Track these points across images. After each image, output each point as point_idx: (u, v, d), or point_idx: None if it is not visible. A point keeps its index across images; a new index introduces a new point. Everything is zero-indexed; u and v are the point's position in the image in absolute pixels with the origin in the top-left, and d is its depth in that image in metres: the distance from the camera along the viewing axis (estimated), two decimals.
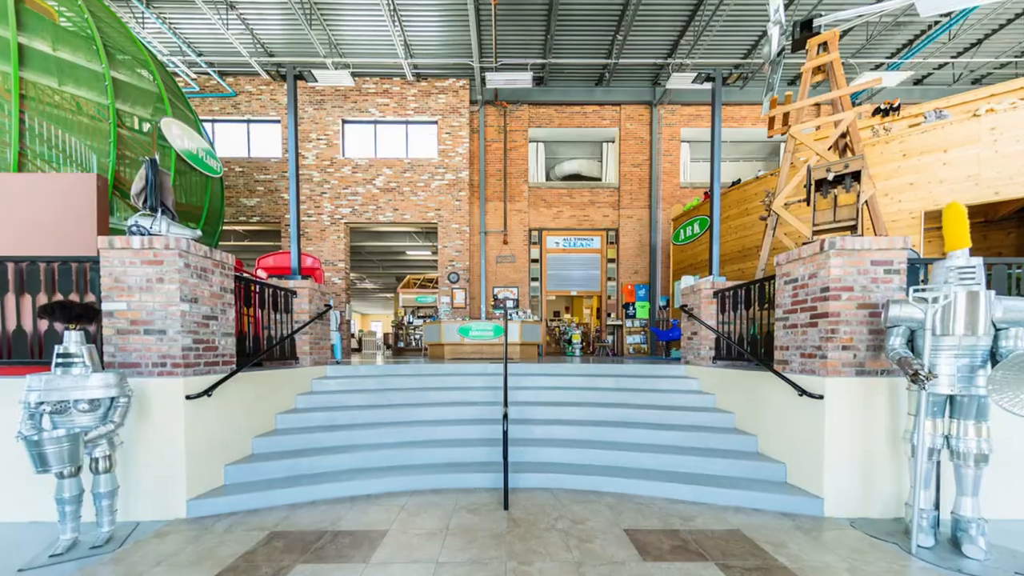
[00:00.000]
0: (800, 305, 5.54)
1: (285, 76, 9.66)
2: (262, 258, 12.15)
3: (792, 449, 5.64)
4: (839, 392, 5.04)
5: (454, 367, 8.98)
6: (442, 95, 17.36)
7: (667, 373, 8.77)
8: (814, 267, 5.30)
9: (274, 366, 7.48)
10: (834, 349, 5.08)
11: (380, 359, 13.19)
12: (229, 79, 17.16)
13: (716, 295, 8.03)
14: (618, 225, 18.36)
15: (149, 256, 5.06)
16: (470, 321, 12.27)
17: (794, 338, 5.63)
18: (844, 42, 15.39)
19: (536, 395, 8.08)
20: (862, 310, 5.05)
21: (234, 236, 21.39)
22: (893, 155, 9.65)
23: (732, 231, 12.68)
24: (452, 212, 17.20)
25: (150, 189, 5.60)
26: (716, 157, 9.03)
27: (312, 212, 17.09)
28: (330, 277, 16.93)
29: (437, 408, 7.51)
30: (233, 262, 6.07)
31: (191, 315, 5.25)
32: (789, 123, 9.19)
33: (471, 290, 17.76)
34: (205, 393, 5.23)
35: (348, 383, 8.34)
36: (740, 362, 7.50)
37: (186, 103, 11.18)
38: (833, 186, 6.46)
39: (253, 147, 17.60)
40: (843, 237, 5.10)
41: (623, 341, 18.28)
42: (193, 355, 5.28)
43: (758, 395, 6.38)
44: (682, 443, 6.63)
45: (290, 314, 8.00)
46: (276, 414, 7.06)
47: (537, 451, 6.53)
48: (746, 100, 18.11)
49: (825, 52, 8.83)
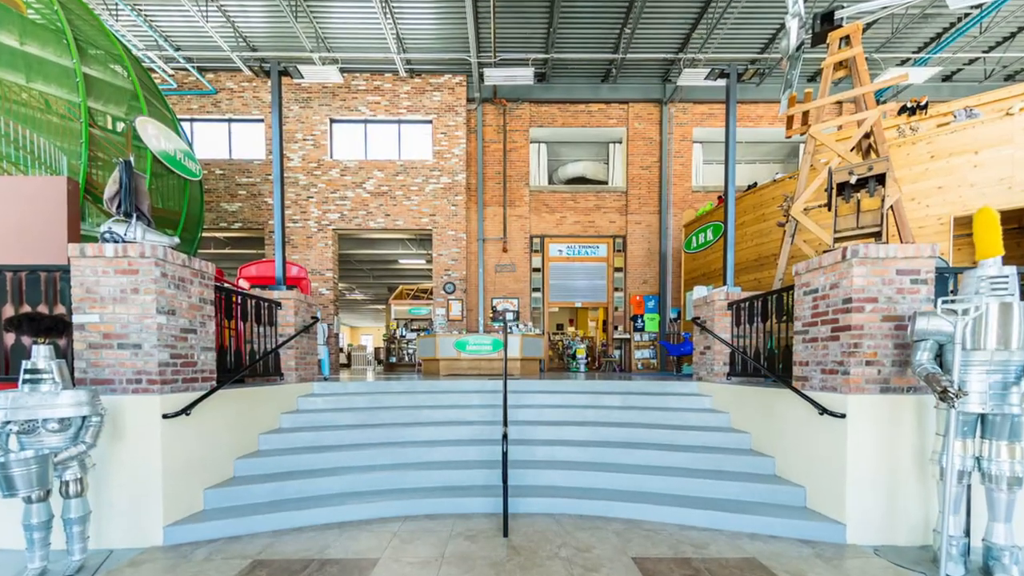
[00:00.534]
0: (820, 317, 5.56)
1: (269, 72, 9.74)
2: (244, 267, 12.20)
3: (812, 471, 5.65)
4: (862, 410, 5.05)
5: (450, 384, 8.98)
6: (437, 92, 17.46)
7: (678, 390, 8.79)
8: (835, 277, 5.32)
9: (257, 383, 7.49)
10: (857, 364, 5.09)
11: (371, 375, 13.19)
12: (209, 75, 17.27)
13: (731, 307, 8.06)
14: (626, 232, 18.43)
15: (123, 265, 5.08)
16: (467, 335, 12.28)
17: (814, 353, 5.65)
18: (868, 35, 15.49)
19: (538, 414, 8.10)
20: (887, 323, 5.06)
21: (214, 244, 21.46)
22: (920, 157, 9.70)
23: (748, 238, 12.73)
24: (448, 218, 17.26)
25: (124, 193, 5.62)
26: (730, 159, 9.08)
27: (298, 218, 17.15)
28: (317, 288, 16.97)
29: (432, 428, 7.51)
30: (213, 271, 6.10)
31: (168, 328, 5.26)
32: (809, 122, 9.25)
33: (468, 301, 17.79)
34: (183, 411, 5.23)
35: (336, 401, 8.35)
36: (756, 378, 7.51)
37: (163, 101, 11.25)
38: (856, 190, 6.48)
39: (235, 148, 17.70)
40: (867, 245, 5.11)
41: (631, 356, 18.28)
42: (170, 371, 5.29)
43: (775, 413, 6.40)
44: (694, 465, 6.64)
45: (274, 327, 8.02)
46: (259, 434, 7.06)
47: (539, 474, 6.54)
48: (762, 98, 18.23)
49: (847, 46, 8.90)
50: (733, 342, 7.96)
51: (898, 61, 16.52)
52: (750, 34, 15.55)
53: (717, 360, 8.25)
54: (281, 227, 9.05)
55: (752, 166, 20.51)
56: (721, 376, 8.19)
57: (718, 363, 8.24)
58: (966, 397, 4.29)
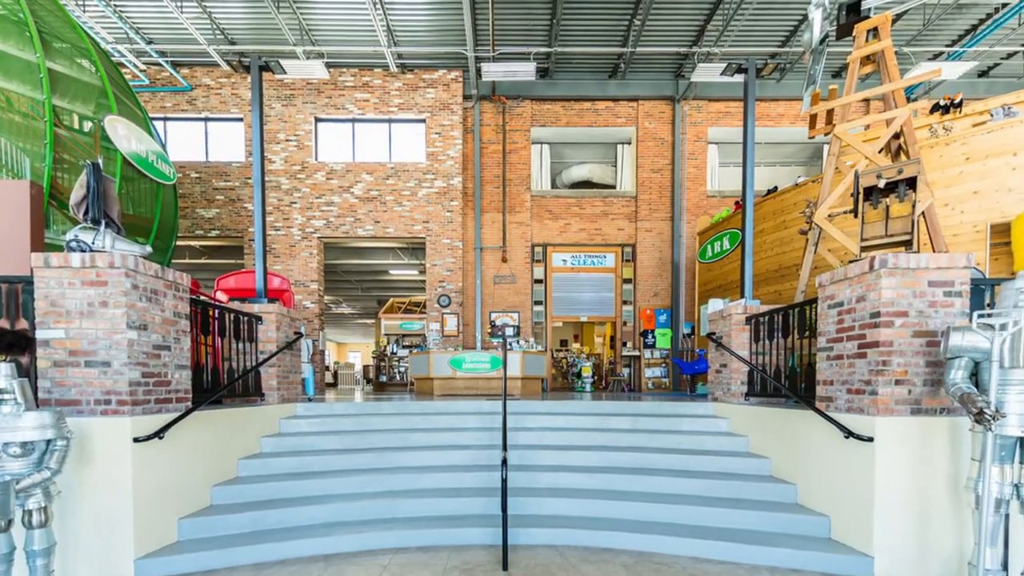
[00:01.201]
0: (846, 333, 5.58)
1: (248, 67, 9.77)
2: (222, 278, 12.22)
3: (837, 500, 5.66)
4: (892, 434, 5.06)
5: (445, 405, 9.00)
6: (431, 89, 17.55)
7: (692, 412, 8.80)
8: (862, 289, 5.34)
9: (236, 404, 7.51)
10: (886, 384, 5.10)
11: (359, 395, 13.21)
12: (184, 71, 17.38)
13: (749, 321, 8.09)
14: (635, 240, 18.48)
15: (91, 276, 5.10)
16: (463, 351, 12.31)
17: (839, 371, 5.68)
18: (897, 27, 15.58)
19: (540, 437, 8.12)
20: (918, 339, 5.07)
21: (190, 253, 21.51)
22: (954, 159, 9.74)
23: (767, 247, 12.77)
24: (442, 225, 17.31)
25: (92, 198, 5.65)
26: (749, 161, 9.12)
27: (280, 225, 17.22)
28: (301, 300, 17.01)
29: (425, 452, 7.53)
30: (189, 283, 6.13)
31: (140, 344, 5.29)
32: (833, 121, 9.29)
33: (464, 315, 17.81)
34: (156, 435, 5.25)
35: (322, 423, 8.38)
36: (777, 399, 7.53)
37: (134, 99, 11.30)
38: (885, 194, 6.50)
39: (212, 149, 17.78)
40: (896, 254, 5.12)
41: (641, 375, 18.31)
42: (142, 391, 5.31)
43: (798, 437, 6.41)
44: (709, 493, 6.66)
45: (254, 343, 8.05)
46: (238, 459, 7.08)
47: (541, 502, 6.55)
48: (783, 95, 18.29)
49: (875, 39, 8.93)
50: (751, 359, 7.99)
51: (930, 55, 16.59)
52: (770, 26, 15.65)
53: (734, 379, 8.27)
54: (262, 235, 9.09)
55: (772, 169, 20.59)
56: (738, 396, 8.21)
57: (735, 382, 8.26)
58: (1004, 419, 4.29)
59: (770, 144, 19.59)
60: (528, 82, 17.91)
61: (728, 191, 18.58)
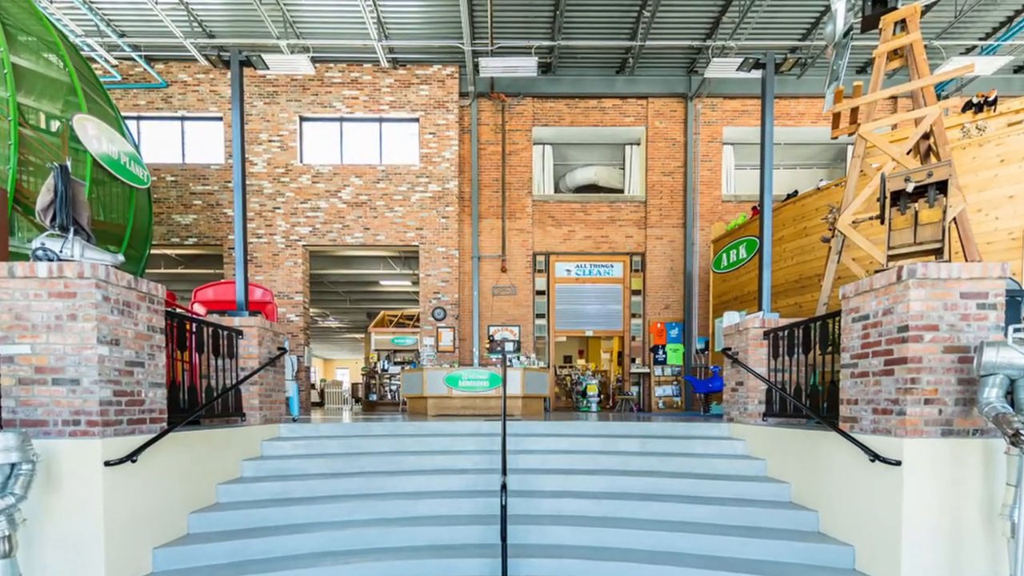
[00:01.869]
0: (872, 348, 5.59)
1: (228, 62, 9.80)
2: (200, 289, 12.25)
3: (862, 528, 5.66)
4: (921, 457, 5.05)
5: (440, 426, 9.01)
6: (425, 86, 17.62)
7: (706, 433, 8.82)
8: (889, 301, 5.36)
9: (215, 424, 7.52)
10: (914, 403, 5.09)
11: (347, 415, 13.22)
12: (159, 66, 17.45)
13: (767, 335, 8.11)
14: (645, 248, 18.52)
15: (59, 287, 5.10)
16: (460, 368, 12.31)
17: (864, 389, 5.69)
18: (927, 19, 15.59)
19: (542, 460, 8.12)
20: (949, 355, 5.07)
21: (165, 262, 21.50)
22: (988, 161, 9.77)
23: (787, 256, 12.80)
24: (437, 232, 17.35)
25: (60, 203, 5.67)
26: (767, 163, 9.16)
27: (262, 232, 17.27)
28: (285, 314, 17.03)
29: (419, 477, 7.54)
30: (164, 295, 6.16)
31: (111, 361, 5.30)
32: (858, 120, 9.30)
33: (461, 329, 17.83)
34: (129, 458, 5.25)
35: (307, 446, 8.38)
36: (797, 419, 7.52)
37: (105, 96, 11.35)
38: (913, 199, 6.51)
39: (189, 151, 17.85)
40: (925, 263, 5.12)
41: (651, 393, 18.31)
42: (114, 411, 5.32)
43: (820, 460, 6.42)
44: (725, 520, 6.65)
45: (235, 360, 8.06)
46: (218, 484, 7.08)
47: (544, 530, 6.56)
48: (804, 92, 18.38)
49: (903, 32, 8.93)
50: (770, 377, 8.00)
51: (962, 49, 16.65)
52: (790, 17, 15.71)
53: (751, 398, 8.29)
54: (243, 243, 9.11)
55: (792, 172, 20.62)
56: (756, 417, 8.21)
57: (752, 401, 8.27)
58: None
59: (790, 145, 19.66)
60: (529, 78, 17.93)
61: (745, 195, 18.64)
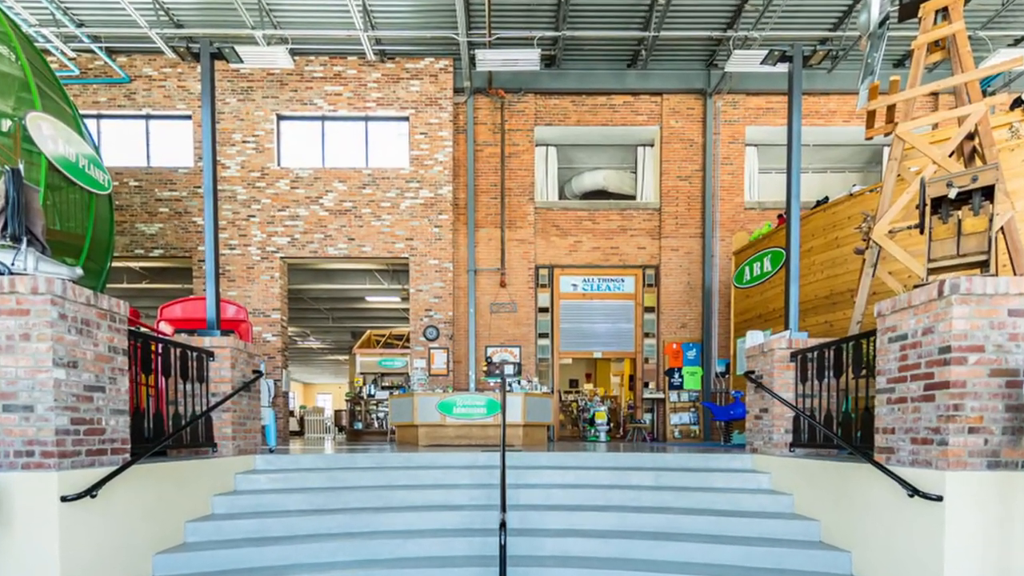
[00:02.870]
0: (910, 371, 5.59)
1: (198, 55, 9.84)
2: (167, 306, 12.28)
3: (899, 570, 5.64)
4: (965, 491, 5.04)
5: (432, 457, 9.01)
6: (415, 81, 17.69)
7: (727, 465, 8.82)
8: (930, 319, 5.35)
9: (183, 456, 7.52)
10: (957, 432, 5.08)
11: (330, 446, 13.22)
12: (121, 59, 17.47)
13: (794, 357, 8.12)
14: (659, 261, 18.54)
15: (10, 304, 5.09)
16: (454, 394, 12.33)
17: (902, 417, 5.69)
18: (971, 7, 15.51)
19: (545, 496, 8.13)
20: (996, 378, 5.06)
21: (128, 276, 21.49)
22: None
23: (817, 269, 12.81)
24: (429, 243, 17.37)
25: (12, 211, 5.68)
26: (795, 166, 9.18)
27: (236, 243, 17.29)
28: (260, 333, 17.01)
29: (409, 514, 7.54)
30: (127, 312, 6.18)
31: (68, 385, 5.29)
32: (895, 119, 9.32)
33: (456, 351, 17.82)
34: (88, 493, 5.24)
35: (286, 479, 8.38)
36: (828, 450, 7.53)
37: (62, 92, 11.39)
38: (956, 206, 6.51)
39: (154, 153, 17.89)
40: (970, 277, 5.10)
41: (666, 421, 18.28)
42: (71, 441, 5.31)
43: (853, 495, 6.41)
44: (747, 562, 6.63)
45: (205, 384, 8.06)
46: (186, 521, 7.06)
47: (547, 573, 6.54)
48: (836, 88, 18.42)
49: (945, 21, 8.90)
50: (798, 403, 8.00)
51: (1010, 40, 16.65)
52: (820, 5, 15.76)
53: (777, 426, 8.28)
54: (214, 255, 9.13)
55: (822, 176, 20.67)
56: (782, 447, 8.21)
57: (778, 430, 8.27)
58: None
59: (820, 146, 19.70)
60: (531, 72, 17.84)
61: (770, 202, 18.68)
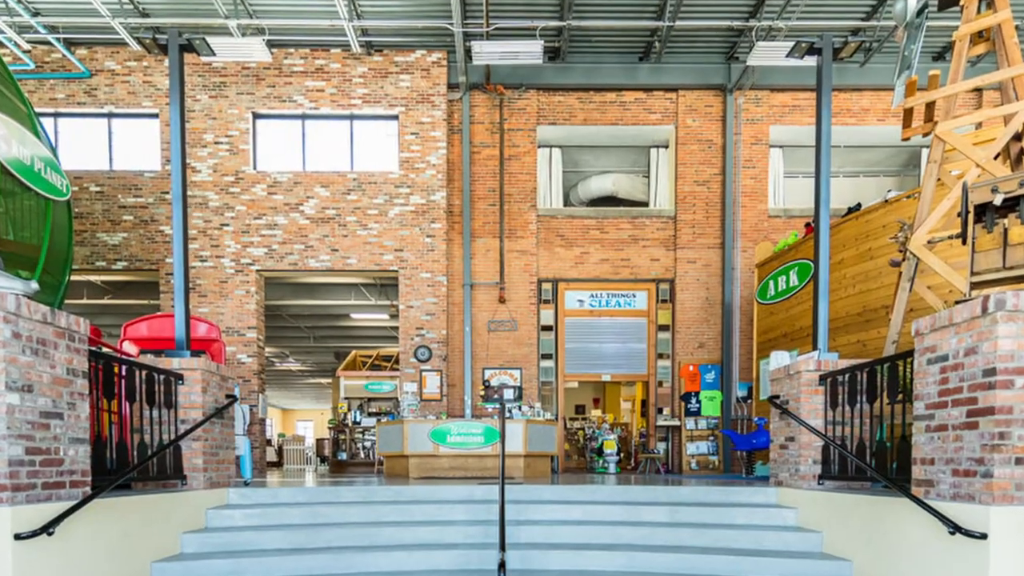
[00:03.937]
0: (952, 396, 5.58)
1: (166, 47, 9.87)
2: (131, 324, 12.28)
3: None
4: (1012, 528, 5.03)
5: (424, 490, 9.02)
6: (406, 75, 17.72)
7: (749, 500, 8.82)
8: (973, 338, 5.34)
9: (150, 489, 7.52)
10: (1003, 463, 5.07)
11: (311, 478, 13.21)
12: (81, 51, 17.48)
13: (824, 380, 8.13)
14: (674, 274, 18.56)
15: None
16: (448, 420, 12.34)
17: (942, 446, 5.68)
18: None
19: (549, 533, 8.13)
20: None
21: (89, 291, 21.49)
22: None
23: (848, 283, 12.83)
24: (421, 254, 17.38)
25: None
26: (824, 170, 9.20)
27: (207, 254, 17.29)
28: (235, 353, 16.98)
29: (398, 553, 7.53)
30: (87, 330, 6.18)
31: (23, 411, 5.28)
32: (935, 118, 9.34)
33: (450, 373, 17.80)
34: (44, 530, 5.22)
35: (263, 515, 8.38)
36: (860, 482, 7.52)
37: (15, 88, 11.41)
38: (1002, 214, 6.51)
39: (118, 155, 17.90)
40: (1017, 292, 5.07)
41: (682, 451, 18.24)
42: (26, 472, 5.31)
43: (888, 532, 6.40)
44: None
45: (174, 410, 8.06)
46: (152, 562, 7.02)
47: None
48: (869, 84, 18.43)
49: (990, 10, 8.86)
50: (827, 431, 8.00)
51: None
52: None
53: (804, 457, 8.28)
54: (183, 267, 9.15)
55: (855, 180, 20.70)
56: (810, 479, 8.21)
57: (805, 461, 8.27)
58: None
59: (851, 148, 19.71)
60: (533, 66, 17.77)
61: (796, 209, 18.66)
